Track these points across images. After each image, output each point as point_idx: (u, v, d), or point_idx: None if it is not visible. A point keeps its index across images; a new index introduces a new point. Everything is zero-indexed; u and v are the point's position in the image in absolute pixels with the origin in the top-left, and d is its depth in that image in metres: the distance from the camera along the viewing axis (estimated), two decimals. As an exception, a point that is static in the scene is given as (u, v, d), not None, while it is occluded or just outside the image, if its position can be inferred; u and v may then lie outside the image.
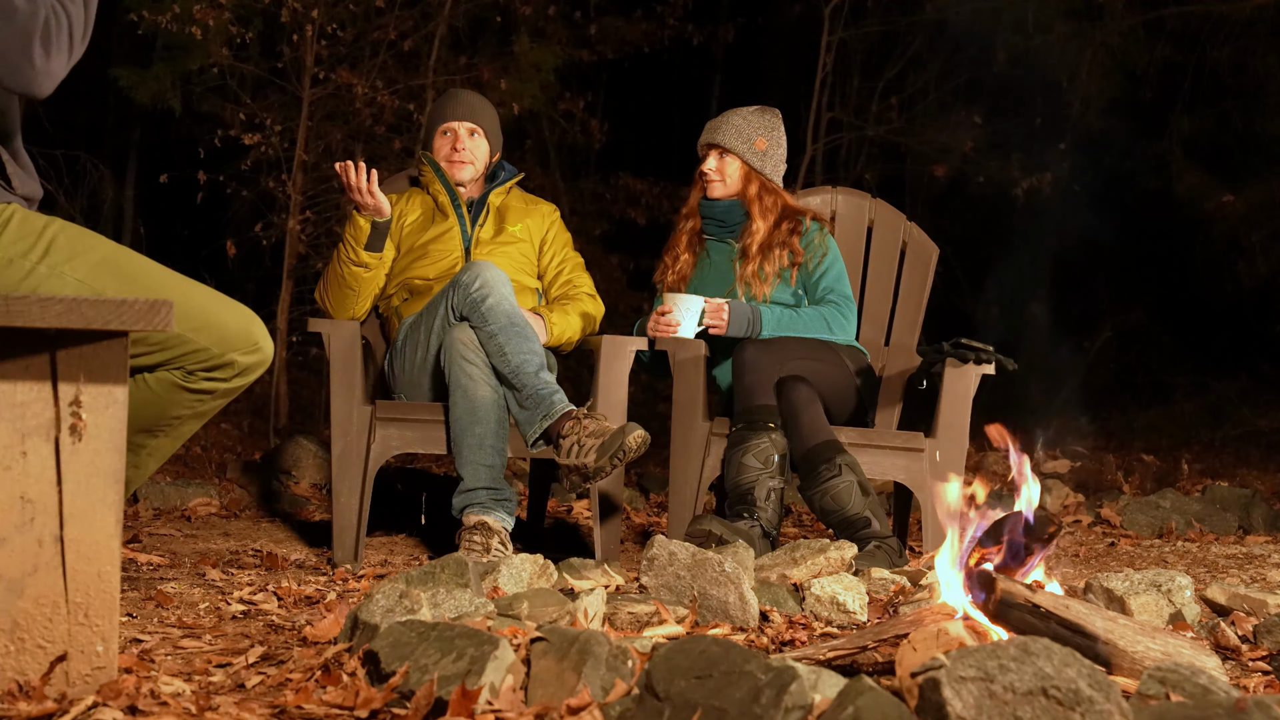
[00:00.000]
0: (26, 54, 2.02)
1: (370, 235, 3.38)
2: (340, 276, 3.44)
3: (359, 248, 3.39)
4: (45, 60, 2.04)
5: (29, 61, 2.02)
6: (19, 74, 2.03)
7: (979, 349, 3.35)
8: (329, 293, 3.49)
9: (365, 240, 3.39)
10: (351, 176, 3.30)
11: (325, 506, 4.24)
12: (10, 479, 1.68)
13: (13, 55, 2.01)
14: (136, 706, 1.64)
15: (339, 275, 3.45)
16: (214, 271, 6.75)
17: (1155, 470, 6.40)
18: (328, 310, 3.50)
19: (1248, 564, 3.58)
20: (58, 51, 2.05)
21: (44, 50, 2.03)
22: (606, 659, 1.64)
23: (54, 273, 2.16)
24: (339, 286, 3.46)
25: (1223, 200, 8.17)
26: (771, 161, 3.64)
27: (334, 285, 3.47)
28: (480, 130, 3.63)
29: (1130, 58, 8.49)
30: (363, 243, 3.39)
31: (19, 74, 2.03)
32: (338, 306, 3.48)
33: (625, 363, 3.40)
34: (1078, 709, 1.42)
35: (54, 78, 2.06)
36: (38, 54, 2.02)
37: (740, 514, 3.21)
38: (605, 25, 8.26)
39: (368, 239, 3.39)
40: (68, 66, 2.08)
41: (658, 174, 8.99)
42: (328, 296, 3.50)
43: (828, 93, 8.33)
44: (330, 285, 3.48)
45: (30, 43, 2.02)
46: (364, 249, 3.39)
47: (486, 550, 3.07)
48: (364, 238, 3.38)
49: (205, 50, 5.97)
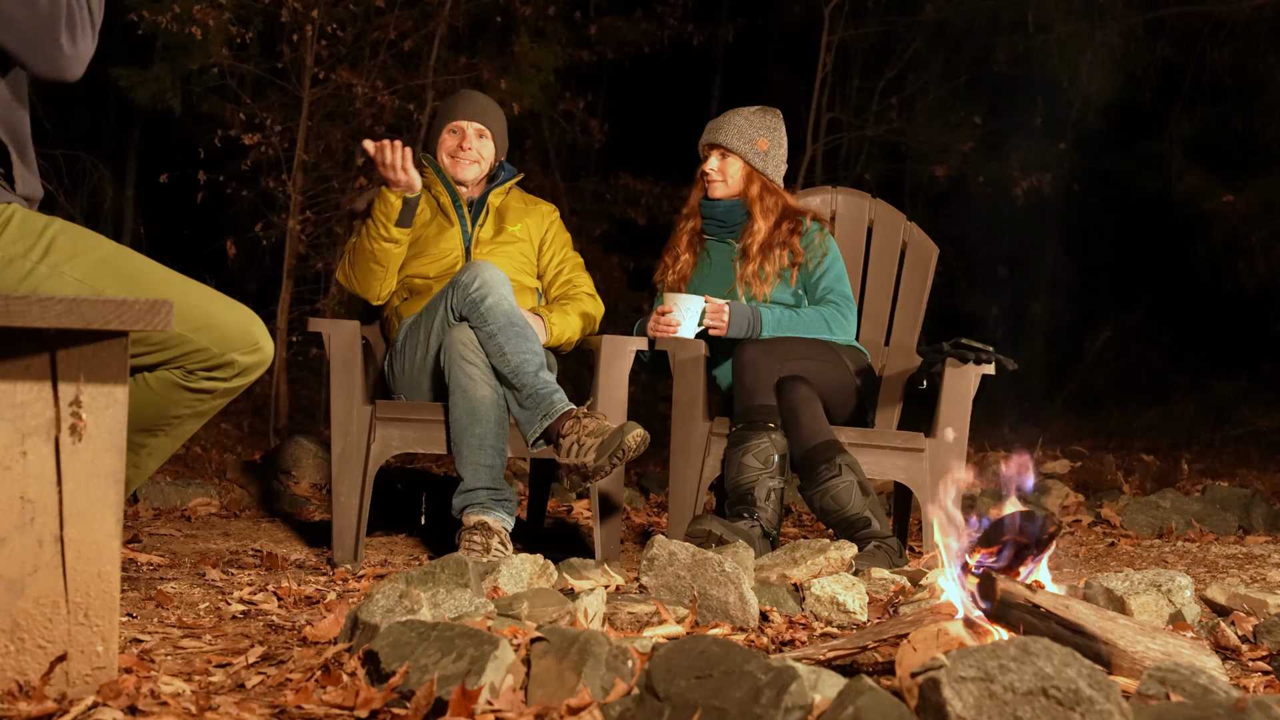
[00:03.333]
0: (54, 39, 2.07)
1: (401, 210, 3.36)
2: (370, 253, 3.40)
3: (390, 224, 3.35)
4: (73, 44, 2.09)
5: (58, 47, 2.08)
6: (50, 61, 2.08)
7: (979, 349, 3.35)
8: (355, 272, 3.46)
9: (397, 216, 3.36)
10: (386, 154, 3.28)
11: (325, 506, 4.24)
12: (10, 479, 1.68)
13: (44, 43, 2.07)
14: (136, 706, 1.64)
15: (368, 252, 3.40)
16: (214, 271, 6.74)
17: (1155, 470, 6.39)
18: (354, 291, 3.49)
19: (1248, 564, 3.58)
20: (83, 34, 2.11)
21: (70, 35, 2.09)
22: (606, 659, 1.64)
23: (54, 273, 2.16)
24: (367, 263, 3.42)
25: (1223, 200, 8.17)
26: (773, 162, 3.65)
27: (361, 263, 3.43)
28: (489, 133, 3.63)
29: (1130, 58, 8.49)
30: (394, 219, 3.35)
31: (50, 61, 2.08)
32: (365, 285, 3.46)
33: (625, 363, 3.40)
34: (1078, 709, 1.42)
35: (82, 61, 2.12)
36: (64, 38, 2.08)
37: (740, 514, 3.21)
38: (605, 25, 8.27)
39: (399, 214, 3.36)
40: (93, 49, 2.13)
41: (658, 174, 8.99)
42: (354, 276, 3.46)
43: (828, 93, 8.33)
44: (358, 264, 3.45)
45: (57, 27, 2.07)
46: (395, 224, 3.37)
47: (486, 550, 3.07)
48: (395, 214, 3.35)
49: (205, 50, 5.97)
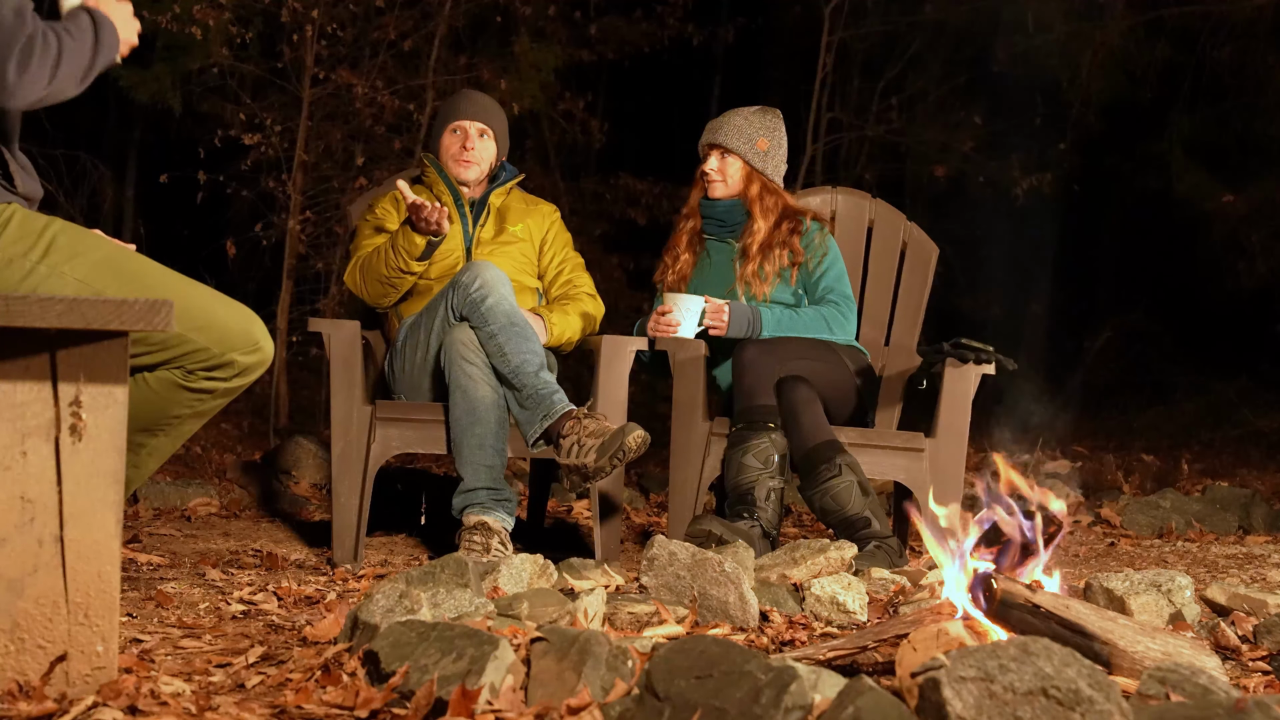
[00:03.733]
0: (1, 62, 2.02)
1: (424, 249, 3.38)
2: (385, 277, 3.43)
3: (411, 259, 3.38)
4: (19, 74, 2.05)
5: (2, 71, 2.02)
6: None
7: (979, 349, 3.35)
8: (367, 285, 3.47)
9: (419, 254, 3.38)
10: (424, 212, 3.29)
11: (325, 506, 4.24)
12: (10, 479, 1.68)
13: None
14: (136, 706, 1.64)
15: (383, 275, 3.43)
16: (214, 271, 6.74)
17: (1155, 470, 6.40)
18: (362, 298, 3.51)
19: (1248, 564, 3.58)
20: (37, 69, 2.06)
21: (20, 64, 2.04)
22: (606, 659, 1.64)
23: (54, 273, 2.16)
24: (381, 284, 3.45)
25: (1223, 200, 8.17)
26: (773, 162, 3.65)
27: (374, 282, 3.45)
28: (490, 132, 3.63)
29: (1130, 58, 8.49)
30: (415, 256, 3.38)
31: None
32: (375, 299, 3.50)
33: (625, 363, 3.40)
34: (1078, 709, 1.42)
35: (24, 94, 2.07)
36: (12, 65, 2.03)
37: (740, 514, 3.21)
38: (605, 25, 8.26)
39: (422, 252, 3.39)
40: (44, 90, 2.08)
41: (658, 174, 8.98)
42: (366, 288, 3.48)
43: (828, 93, 8.33)
44: (370, 280, 3.46)
45: (8, 51, 2.03)
46: (415, 260, 3.39)
47: (486, 550, 3.07)
48: (418, 252, 3.38)
49: (205, 50, 5.97)
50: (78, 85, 2.14)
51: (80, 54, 2.12)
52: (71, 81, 2.12)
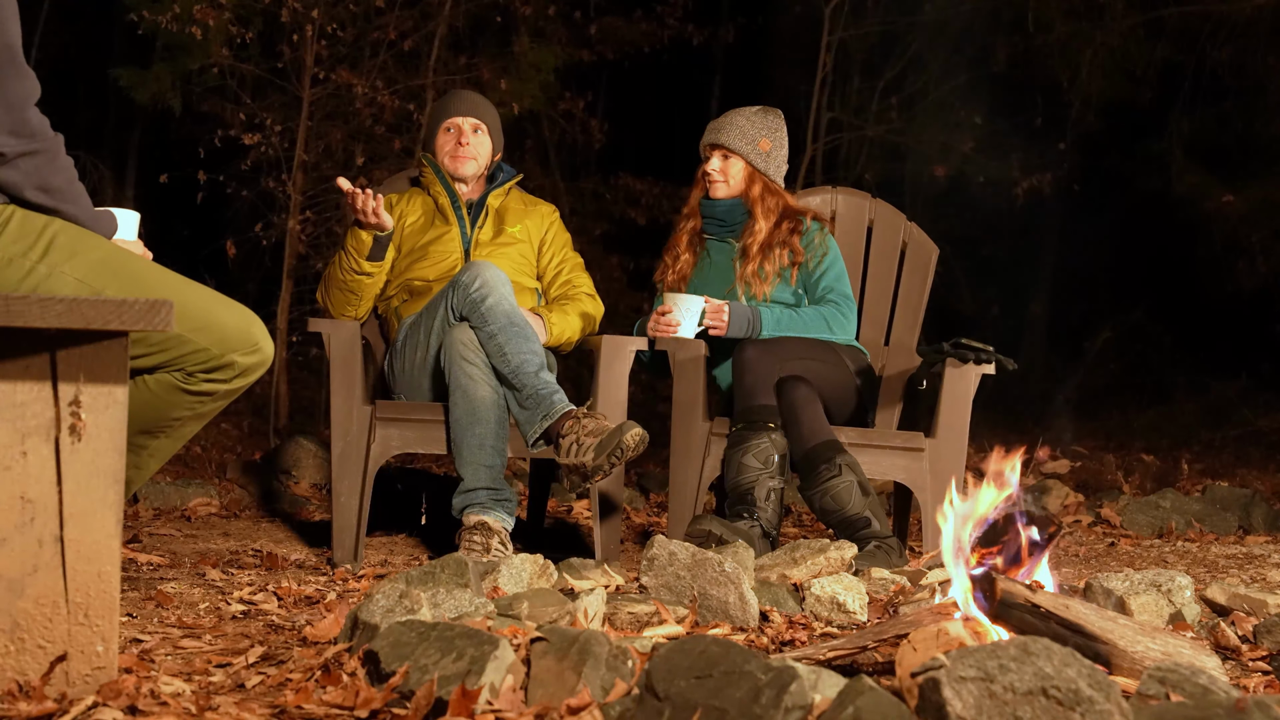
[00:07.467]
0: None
1: (372, 247, 3.42)
2: (341, 282, 3.47)
3: (361, 259, 3.42)
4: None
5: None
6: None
7: (979, 349, 3.35)
8: (330, 295, 3.52)
9: (368, 252, 3.41)
10: (358, 201, 3.32)
11: (325, 506, 4.24)
12: (10, 479, 1.68)
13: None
14: (136, 706, 1.64)
15: (340, 280, 3.47)
16: (214, 271, 6.75)
17: (1155, 470, 6.40)
18: (328, 311, 3.53)
19: (1248, 564, 3.58)
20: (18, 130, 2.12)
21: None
22: (606, 659, 1.64)
23: (54, 272, 2.16)
24: (340, 291, 3.49)
25: (1223, 200, 8.17)
26: (774, 162, 3.65)
27: (335, 289, 3.50)
28: (484, 127, 3.64)
29: (1130, 58, 8.49)
30: (365, 254, 3.42)
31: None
32: (338, 308, 3.52)
33: (625, 363, 3.40)
34: (1078, 709, 1.42)
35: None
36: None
37: (740, 514, 3.21)
38: (605, 25, 8.27)
39: (370, 250, 3.41)
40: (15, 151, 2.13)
41: (658, 174, 8.98)
42: (329, 298, 3.52)
43: (828, 93, 8.33)
44: (331, 289, 3.51)
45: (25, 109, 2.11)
46: (366, 259, 3.42)
47: (486, 550, 3.07)
48: (366, 250, 3.42)
49: (205, 50, 5.97)
50: (69, 186, 2.25)
51: (82, 194, 2.26)
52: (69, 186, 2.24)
